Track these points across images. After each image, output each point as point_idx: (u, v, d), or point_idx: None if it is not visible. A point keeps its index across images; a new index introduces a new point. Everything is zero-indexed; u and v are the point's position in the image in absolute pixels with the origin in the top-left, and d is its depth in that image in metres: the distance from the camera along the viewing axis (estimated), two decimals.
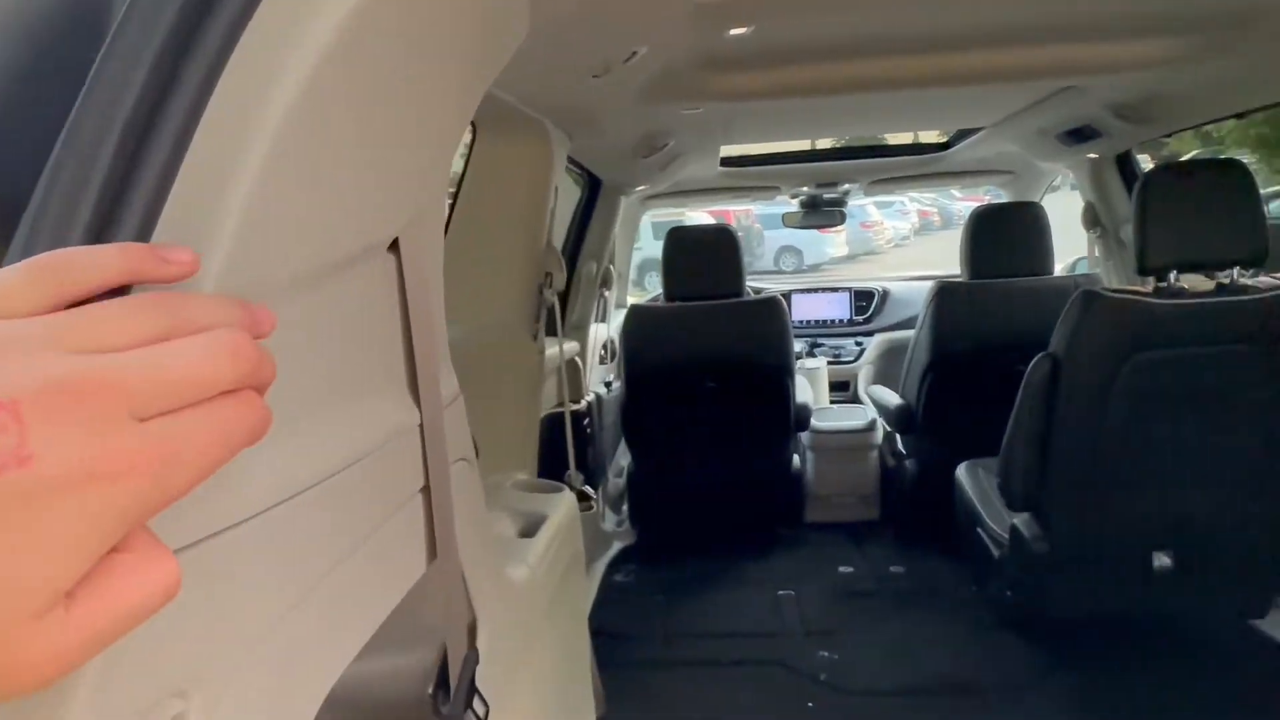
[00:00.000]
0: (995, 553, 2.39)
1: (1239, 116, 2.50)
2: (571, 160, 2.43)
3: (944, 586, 2.79)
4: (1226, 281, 1.96)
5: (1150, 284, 2.01)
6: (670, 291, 3.09)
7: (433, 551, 0.79)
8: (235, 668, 0.43)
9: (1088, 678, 2.19)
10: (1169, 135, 2.83)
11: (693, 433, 3.13)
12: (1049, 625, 2.41)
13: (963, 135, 3.39)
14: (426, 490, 0.75)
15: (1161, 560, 2.10)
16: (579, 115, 1.85)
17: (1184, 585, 2.11)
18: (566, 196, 2.85)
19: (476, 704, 0.89)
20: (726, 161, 3.55)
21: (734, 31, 1.61)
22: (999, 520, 2.38)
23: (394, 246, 0.64)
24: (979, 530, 2.52)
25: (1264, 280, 1.97)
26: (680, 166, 3.18)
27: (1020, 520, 2.21)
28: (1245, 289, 1.93)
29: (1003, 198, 4.11)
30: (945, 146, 3.59)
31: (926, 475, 3.15)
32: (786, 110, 2.66)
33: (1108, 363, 1.94)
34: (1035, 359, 2.05)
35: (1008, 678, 2.23)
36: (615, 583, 2.99)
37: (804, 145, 3.71)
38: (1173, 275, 1.96)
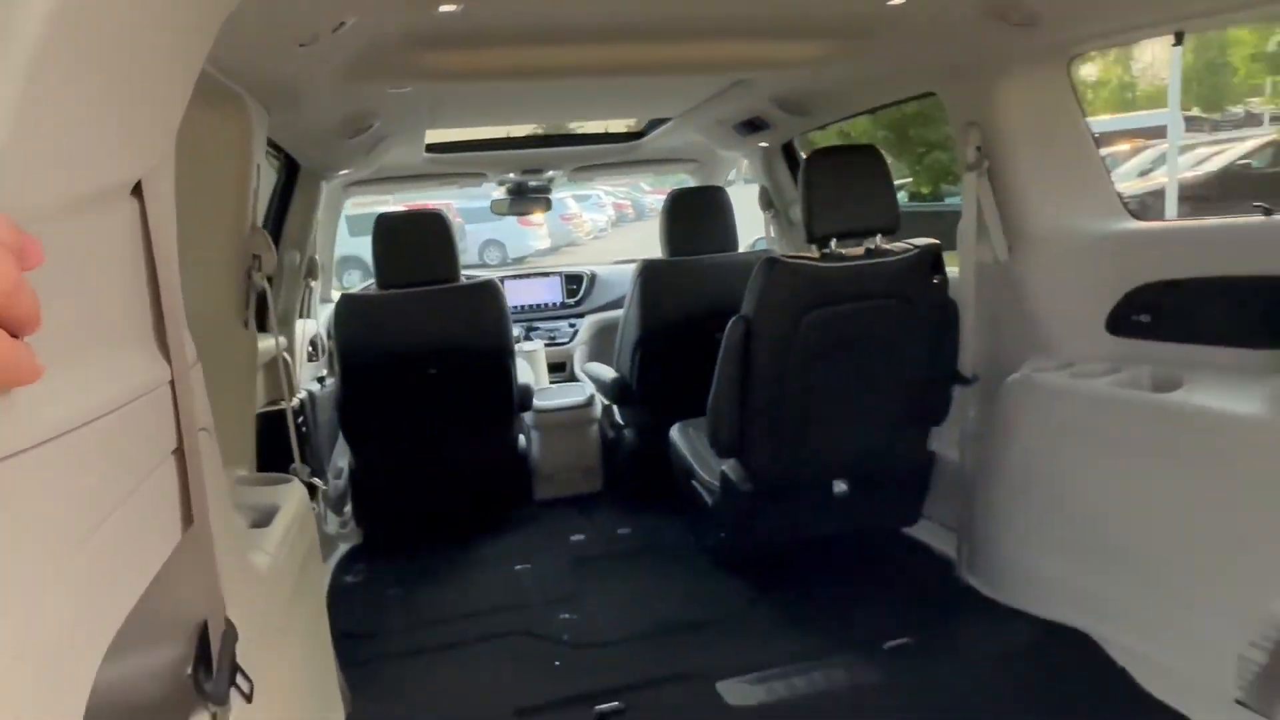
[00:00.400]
0: (709, 500, 2.65)
1: (871, 112, 2.98)
2: (269, 142, 2.28)
3: (667, 541, 3.03)
4: (872, 247, 2.35)
5: (817, 251, 2.34)
6: (383, 279, 3.01)
7: (187, 518, 0.75)
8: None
9: (789, 597, 2.52)
10: (821, 128, 3.31)
11: (417, 422, 3.09)
12: (758, 559, 2.72)
13: (654, 126, 3.67)
14: (179, 453, 0.71)
15: (840, 487, 2.47)
16: (281, 89, 1.76)
17: (857, 506, 2.50)
18: (264, 182, 2.66)
19: (240, 681, 0.86)
20: (432, 148, 3.52)
21: (444, 8, 1.63)
22: (710, 471, 2.64)
23: (136, 194, 0.61)
24: (694, 483, 2.78)
25: (898, 245, 2.38)
26: (386, 150, 3.11)
27: (728, 466, 2.47)
28: (886, 253, 2.33)
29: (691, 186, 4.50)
30: (639, 136, 3.86)
31: (644, 442, 3.38)
32: (492, 95, 2.71)
33: (788, 318, 2.24)
34: (732, 321, 2.30)
35: (725, 610, 2.48)
36: (346, 584, 2.87)
37: (510, 133, 3.79)
38: (833, 242, 2.31)
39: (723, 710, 1.95)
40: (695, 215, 3.39)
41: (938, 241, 2.36)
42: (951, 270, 2.43)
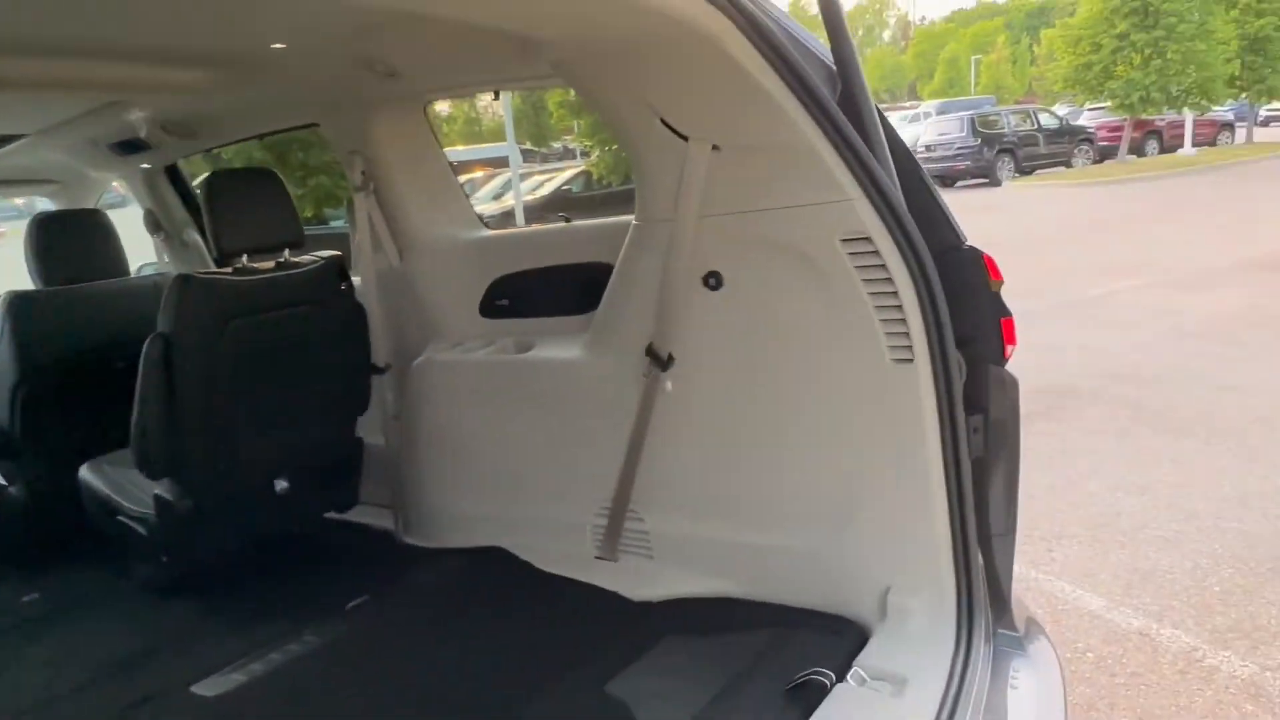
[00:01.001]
0: (144, 530, 2.57)
1: (260, 137, 3.18)
2: None
3: (94, 590, 2.79)
4: (283, 260, 2.58)
5: (228, 268, 2.49)
6: None
7: None
8: None
9: (248, 597, 2.61)
10: (209, 151, 3.37)
11: None
12: (207, 573, 2.72)
13: (2, 143, 3.26)
14: None
15: (281, 484, 2.65)
16: None
17: (298, 500, 2.71)
18: None
19: None
20: None
21: None
22: (138, 500, 2.56)
23: None
24: (120, 518, 2.64)
25: (305, 258, 2.66)
26: None
27: (162, 488, 2.45)
28: (295, 265, 2.59)
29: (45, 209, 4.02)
30: None
31: (38, 496, 3.02)
32: None
33: (210, 330, 2.35)
34: (149, 339, 2.31)
35: (181, 628, 2.46)
36: None
37: None
38: (244, 258, 2.48)
39: (203, 706, 2.02)
40: (72, 241, 3.13)
41: (339, 253, 2.71)
42: (357, 278, 2.81)
